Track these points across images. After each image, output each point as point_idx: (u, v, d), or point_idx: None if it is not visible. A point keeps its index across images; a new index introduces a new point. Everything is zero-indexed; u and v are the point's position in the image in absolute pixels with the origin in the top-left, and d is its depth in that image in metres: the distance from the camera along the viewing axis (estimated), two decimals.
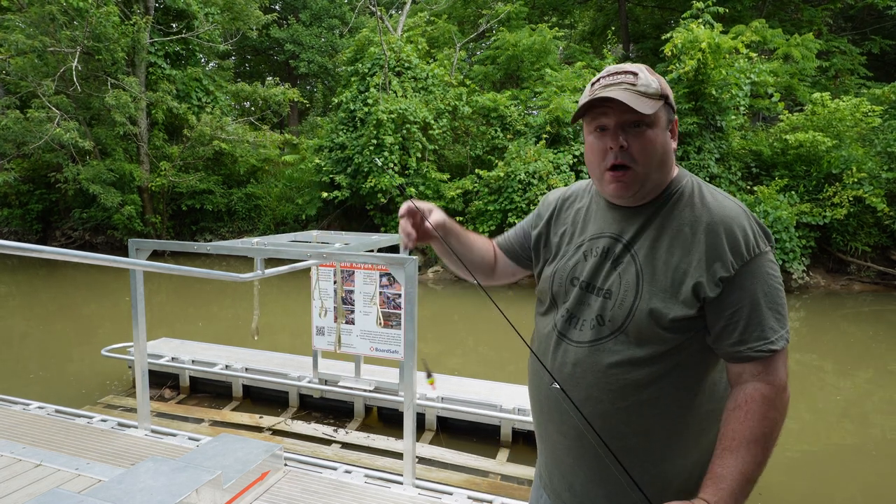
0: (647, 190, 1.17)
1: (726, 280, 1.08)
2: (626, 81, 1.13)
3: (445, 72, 14.22)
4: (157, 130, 15.42)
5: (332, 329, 4.43)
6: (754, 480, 1.06)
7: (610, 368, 1.16)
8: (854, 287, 11.26)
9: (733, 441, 1.06)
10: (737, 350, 1.10)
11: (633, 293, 1.14)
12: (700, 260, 1.10)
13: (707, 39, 10.42)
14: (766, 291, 1.09)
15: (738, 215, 1.12)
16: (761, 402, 1.07)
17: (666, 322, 1.11)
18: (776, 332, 1.09)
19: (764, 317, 1.09)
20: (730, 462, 1.05)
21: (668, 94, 1.16)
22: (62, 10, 12.94)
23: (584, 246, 1.25)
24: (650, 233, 1.16)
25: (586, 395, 1.18)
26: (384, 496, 2.74)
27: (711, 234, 1.10)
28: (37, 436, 3.27)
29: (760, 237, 1.11)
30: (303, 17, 22.19)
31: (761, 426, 1.06)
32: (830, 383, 6.22)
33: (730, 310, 1.09)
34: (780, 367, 1.10)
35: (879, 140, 11.55)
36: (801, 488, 3.89)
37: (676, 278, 1.11)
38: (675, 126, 1.20)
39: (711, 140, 11.62)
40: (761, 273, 1.09)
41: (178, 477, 2.41)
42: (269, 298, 9.83)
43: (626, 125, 1.13)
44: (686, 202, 1.16)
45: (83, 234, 16.39)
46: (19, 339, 7.54)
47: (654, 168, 1.14)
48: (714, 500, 1.02)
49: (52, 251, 2.11)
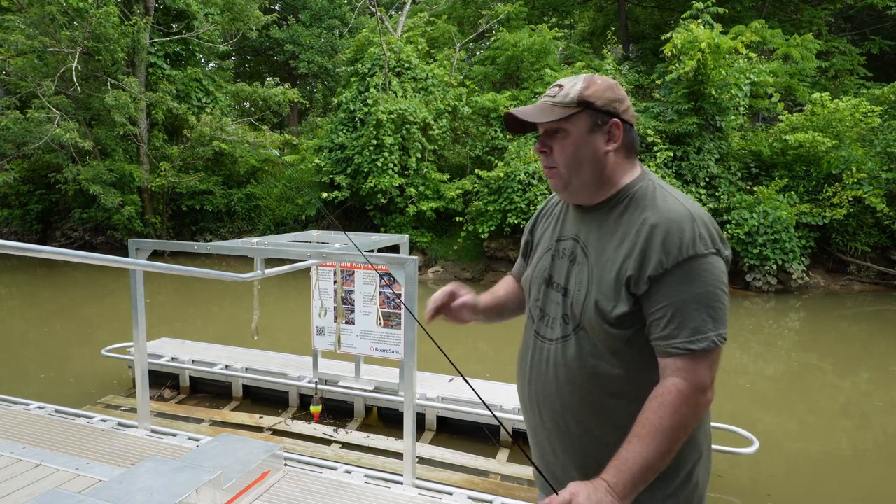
0: (580, 189, 1.27)
1: (654, 279, 1.13)
2: (549, 95, 1.26)
3: (445, 72, 14.22)
4: (157, 131, 15.41)
5: (332, 329, 4.43)
6: (656, 469, 1.10)
7: (574, 363, 1.24)
8: (854, 287, 11.26)
9: (643, 429, 1.10)
10: (659, 345, 1.15)
11: (584, 290, 1.22)
12: (637, 258, 1.15)
13: (707, 40, 10.42)
14: (697, 292, 1.12)
15: (680, 217, 1.15)
16: (675, 396, 1.10)
17: (611, 318, 1.17)
18: (701, 332, 1.11)
19: (689, 317, 1.11)
20: (635, 448, 1.09)
21: (593, 100, 1.22)
22: (62, 11, 12.94)
23: (553, 247, 1.36)
24: (601, 233, 1.24)
25: (557, 388, 1.26)
26: (384, 496, 2.74)
27: (650, 234, 1.15)
28: (37, 436, 3.27)
29: (702, 240, 1.13)
30: (303, 17, 22.18)
31: (671, 419, 1.09)
32: (830, 383, 6.22)
33: (656, 306, 1.14)
34: (701, 367, 1.12)
35: (879, 140, 11.55)
36: (801, 488, 3.89)
37: (618, 277, 1.18)
38: (614, 128, 1.24)
39: (711, 140, 11.62)
40: (693, 274, 1.12)
41: (178, 477, 2.41)
42: (269, 298, 9.83)
43: (548, 132, 1.26)
44: (637, 204, 1.22)
45: (83, 234, 16.38)
46: (19, 339, 7.54)
47: (575, 168, 1.24)
48: (613, 482, 1.07)
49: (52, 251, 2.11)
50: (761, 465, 4.12)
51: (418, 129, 12.53)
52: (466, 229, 12.08)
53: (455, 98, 13.60)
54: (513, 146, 11.99)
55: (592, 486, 1.07)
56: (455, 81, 14.48)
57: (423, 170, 12.71)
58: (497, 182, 11.54)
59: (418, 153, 12.58)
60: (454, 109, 13.53)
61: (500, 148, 13.07)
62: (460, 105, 13.44)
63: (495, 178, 11.51)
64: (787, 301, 10.24)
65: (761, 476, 3.99)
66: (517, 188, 11.18)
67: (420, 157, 12.72)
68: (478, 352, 6.84)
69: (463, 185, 12.42)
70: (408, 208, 12.48)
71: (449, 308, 1.50)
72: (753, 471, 4.05)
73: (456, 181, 12.76)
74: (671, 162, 11.45)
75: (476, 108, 13.45)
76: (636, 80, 13.71)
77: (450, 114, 13.51)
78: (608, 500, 1.06)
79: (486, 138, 13.41)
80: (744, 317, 9.41)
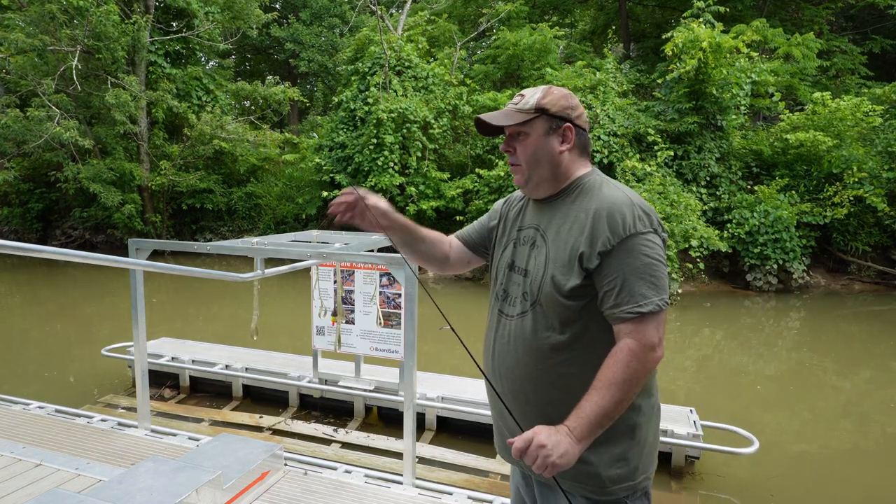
0: (539, 184, 1.46)
1: (604, 254, 1.31)
2: (513, 103, 1.45)
3: (446, 71, 14.21)
4: (158, 129, 15.41)
5: (332, 329, 4.43)
6: (611, 417, 1.25)
7: (532, 335, 1.40)
8: (854, 287, 11.26)
9: (599, 382, 1.26)
10: (611, 312, 1.31)
11: (542, 269, 1.40)
12: (587, 238, 1.34)
13: (708, 39, 10.40)
14: (639, 263, 1.29)
15: (621, 203, 1.34)
16: (627, 353, 1.27)
17: (565, 291, 1.34)
18: (646, 297, 1.28)
19: (635, 285, 1.28)
20: (593, 398, 1.25)
21: (550, 106, 1.41)
22: (62, 9, 12.92)
23: (516, 236, 1.54)
24: (557, 220, 1.43)
25: (517, 360, 1.42)
26: (384, 496, 2.74)
27: (597, 217, 1.34)
28: (37, 436, 3.27)
29: (640, 220, 1.32)
30: (303, 15, 22.16)
31: (623, 373, 1.25)
32: (830, 383, 6.21)
33: (607, 279, 1.31)
34: (649, 328, 1.28)
35: (880, 140, 11.54)
36: (802, 488, 3.89)
37: (571, 254, 1.35)
38: (566, 132, 1.44)
39: (712, 139, 11.61)
40: (636, 249, 1.30)
41: (178, 477, 2.40)
42: (269, 298, 9.83)
43: (512, 135, 1.46)
44: (587, 193, 1.41)
45: (83, 232, 16.38)
46: (19, 338, 7.54)
47: (534, 165, 1.44)
48: (572, 426, 1.22)
49: (52, 251, 2.11)
50: (761, 465, 4.12)
51: (419, 128, 12.52)
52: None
53: (455, 97, 13.58)
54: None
55: (554, 428, 1.22)
56: (455, 80, 14.47)
57: (423, 169, 12.70)
58: (497, 181, 11.53)
59: (419, 152, 12.57)
60: (455, 108, 13.51)
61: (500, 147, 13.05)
62: (461, 104, 13.43)
63: (496, 177, 11.50)
64: (788, 301, 10.24)
65: (761, 476, 3.99)
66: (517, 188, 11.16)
67: (420, 156, 12.71)
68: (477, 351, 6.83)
69: (463, 184, 12.41)
70: (408, 207, 12.47)
71: (360, 207, 1.46)
72: (753, 471, 4.05)
73: (456, 180, 12.75)
74: (672, 161, 11.44)
75: (477, 106, 13.43)
76: (637, 79, 13.70)
77: (450, 113, 13.50)
78: (567, 441, 1.20)
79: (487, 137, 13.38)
80: (744, 316, 9.41)
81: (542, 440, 1.18)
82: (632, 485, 1.38)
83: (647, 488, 1.42)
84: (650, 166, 10.80)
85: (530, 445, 1.19)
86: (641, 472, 1.40)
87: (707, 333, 8.19)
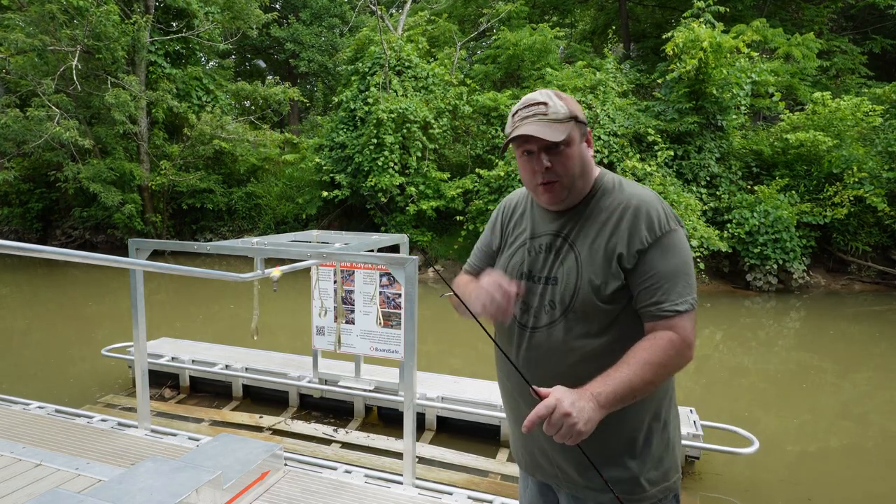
0: (575, 195, 1.40)
1: (641, 252, 1.30)
2: (538, 112, 1.35)
3: (446, 71, 14.20)
4: (158, 129, 15.41)
5: (332, 329, 4.43)
6: (634, 395, 1.21)
7: (567, 344, 1.35)
8: (854, 287, 11.25)
9: (632, 358, 1.24)
10: (649, 311, 1.30)
11: (574, 275, 1.35)
12: (622, 237, 1.32)
13: (708, 39, 10.40)
14: (676, 262, 1.30)
15: (651, 199, 1.34)
16: (666, 341, 1.25)
17: (605, 295, 1.31)
18: (682, 296, 1.28)
19: (672, 283, 1.28)
20: (623, 370, 1.21)
21: (577, 112, 1.37)
22: (62, 9, 12.92)
23: (528, 244, 1.47)
24: (583, 224, 1.39)
25: (552, 372, 1.36)
26: (384, 496, 2.74)
27: (632, 216, 1.32)
28: (37, 436, 3.27)
29: (671, 218, 1.33)
30: (303, 15, 22.16)
31: (658, 356, 1.23)
32: (831, 383, 6.21)
33: (644, 276, 1.30)
34: (687, 326, 1.28)
35: (880, 140, 11.54)
36: (802, 488, 3.89)
37: (607, 255, 1.32)
38: (589, 136, 1.42)
39: (712, 139, 11.61)
40: (671, 247, 1.30)
41: (178, 477, 2.41)
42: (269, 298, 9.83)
43: (546, 148, 1.35)
44: (608, 194, 1.39)
45: (83, 232, 16.38)
46: (19, 338, 7.54)
47: (577, 177, 1.37)
48: (597, 392, 1.18)
49: (52, 251, 2.11)
50: (761, 465, 4.11)
51: (419, 128, 12.52)
52: (467, 228, 12.07)
53: (455, 97, 13.58)
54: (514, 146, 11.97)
55: (577, 393, 1.16)
56: (455, 80, 14.47)
57: (423, 169, 12.70)
58: (497, 181, 11.53)
59: (419, 152, 12.57)
60: (455, 108, 13.51)
61: (500, 147, 13.05)
62: (461, 104, 13.43)
63: (496, 177, 11.50)
64: (788, 301, 10.23)
65: (761, 476, 3.99)
66: (517, 187, 11.15)
67: (420, 156, 12.71)
68: (477, 352, 6.83)
69: (463, 184, 12.41)
70: (408, 207, 12.47)
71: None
72: (753, 471, 4.05)
73: (456, 180, 12.75)
74: (672, 161, 11.44)
75: (477, 107, 13.43)
76: (637, 79, 13.70)
77: (450, 113, 13.50)
78: (590, 407, 1.15)
79: (487, 137, 13.40)
80: (744, 316, 9.40)
81: (566, 408, 1.11)
82: (666, 486, 1.38)
83: (678, 490, 1.42)
84: (650, 166, 10.80)
85: (553, 413, 1.12)
86: (674, 472, 1.40)
87: (707, 333, 8.19)
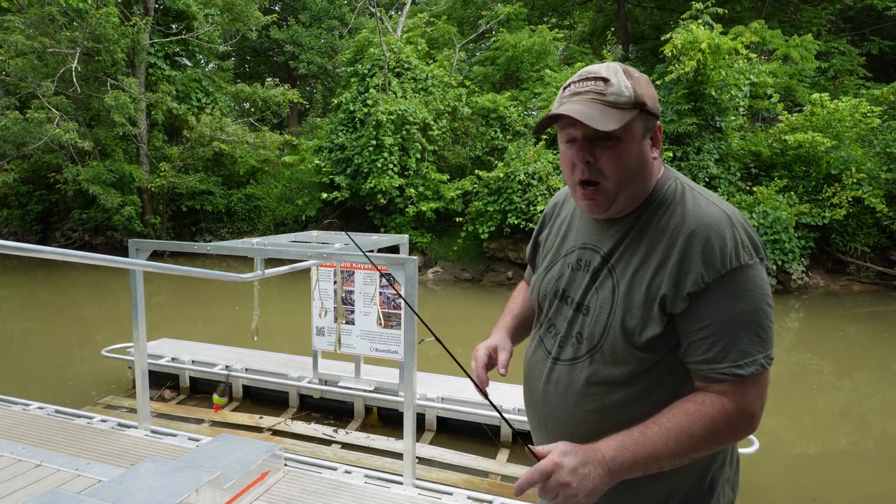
0: (622, 203, 1.10)
1: (695, 295, 1.00)
2: (594, 90, 1.04)
3: (445, 73, 14.23)
4: (157, 131, 15.42)
5: (332, 329, 4.43)
6: (660, 467, 0.98)
7: (587, 388, 1.12)
8: (853, 287, 11.26)
9: (667, 421, 0.98)
10: (700, 369, 1.03)
11: (607, 310, 1.09)
12: (671, 273, 1.02)
13: (706, 40, 10.42)
14: (743, 309, 0.99)
15: (719, 223, 1.02)
16: (718, 411, 0.99)
17: (639, 342, 1.05)
18: (748, 355, 0.99)
19: (736, 338, 0.99)
20: (652, 434, 0.97)
21: (646, 100, 1.06)
22: (62, 11, 12.94)
23: (568, 257, 1.21)
24: (628, 245, 1.10)
25: (569, 414, 1.15)
26: (384, 496, 2.74)
27: (685, 245, 1.02)
28: (37, 436, 3.27)
29: (745, 248, 1.01)
30: (302, 18, 22.18)
31: (703, 429, 0.98)
32: (830, 383, 6.22)
33: (696, 326, 1.01)
34: (750, 393, 1.00)
35: (878, 140, 11.56)
36: (802, 488, 3.89)
37: (650, 295, 1.04)
38: (657, 132, 1.11)
39: (711, 141, 11.62)
40: (739, 288, 0.99)
41: (178, 477, 2.40)
42: (269, 298, 9.83)
43: (594, 138, 1.05)
44: (667, 209, 1.08)
45: (83, 234, 16.38)
46: (19, 339, 7.54)
47: (627, 182, 1.07)
48: (611, 456, 0.95)
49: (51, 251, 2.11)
50: (761, 465, 4.12)
51: (418, 130, 12.54)
52: (466, 230, 12.08)
53: (455, 98, 13.60)
54: (512, 147, 11.99)
55: (585, 454, 0.94)
56: (455, 82, 14.49)
57: (422, 170, 12.71)
58: (497, 183, 11.54)
59: (418, 154, 12.58)
60: (454, 110, 13.53)
61: (499, 148, 13.07)
62: (460, 105, 13.44)
63: (495, 178, 11.52)
64: (787, 301, 10.24)
65: (761, 476, 3.99)
66: (517, 189, 11.18)
67: (420, 157, 12.73)
68: None
69: (463, 185, 12.43)
70: (407, 209, 12.48)
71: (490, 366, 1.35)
72: (753, 471, 4.05)
73: (456, 182, 12.76)
74: (670, 162, 11.45)
75: (476, 108, 13.45)
76: None
77: (449, 114, 13.52)
78: (596, 474, 0.93)
79: (486, 139, 13.41)
80: None
81: (565, 477, 0.91)
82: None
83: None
84: None
85: (549, 479, 0.92)
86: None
87: None
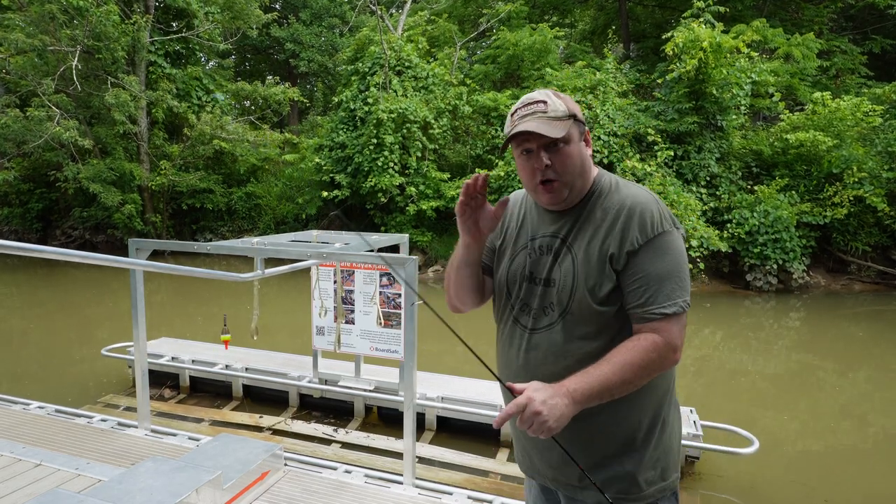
0: (574, 194, 1.39)
1: (631, 253, 1.30)
2: (538, 111, 1.35)
3: (446, 71, 14.21)
4: (158, 129, 15.41)
5: (332, 329, 4.43)
6: (613, 392, 1.23)
7: (565, 346, 1.36)
8: (854, 287, 11.25)
9: (613, 357, 1.24)
10: (635, 312, 1.30)
11: (571, 277, 1.35)
12: (616, 238, 1.31)
13: (708, 39, 10.41)
14: (667, 264, 1.29)
15: (647, 201, 1.33)
16: (650, 343, 1.25)
17: (600, 297, 1.32)
18: (671, 299, 1.27)
19: (661, 286, 1.27)
20: (602, 368, 1.23)
21: (576, 111, 1.38)
22: (62, 9, 12.93)
23: (528, 246, 1.47)
24: (581, 226, 1.38)
25: (550, 373, 1.34)
26: (384, 496, 2.74)
27: (626, 217, 1.32)
28: (37, 436, 3.27)
29: (666, 220, 1.32)
30: (303, 16, 22.16)
31: (641, 359, 1.23)
32: (830, 383, 6.21)
33: (633, 278, 1.29)
34: (674, 329, 1.27)
35: (880, 140, 11.54)
36: (802, 488, 3.89)
37: (601, 257, 1.32)
38: (587, 135, 1.42)
39: (712, 139, 11.61)
40: (663, 248, 1.29)
41: (178, 477, 2.40)
42: (269, 298, 9.83)
43: (546, 146, 1.35)
44: (607, 196, 1.38)
45: (83, 232, 16.39)
46: (19, 338, 7.54)
47: (576, 176, 1.37)
48: (573, 388, 1.19)
49: (52, 251, 2.11)
50: (761, 465, 4.12)
51: (418, 128, 12.52)
52: None
53: (455, 97, 13.58)
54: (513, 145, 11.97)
55: (552, 389, 1.18)
56: (455, 80, 14.47)
57: (423, 169, 12.70)
58: (497, 181, 11.54)
59: (418, 152, 12.57)
60: (454, 108, 13.51)
61: (500, 147, 13.05)
62: (461, 104, 13.43)
63: (496, 177, 11.51)
64: (788, 301, 10.23)
65: (761, 476, 3.99)
66: (518, 187, 11.17)
67: (420, 156, 12.71)
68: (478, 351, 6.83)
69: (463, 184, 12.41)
70: (408, 207, 12.47)
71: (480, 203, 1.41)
72: (753, 471, 4.05)
73: (456, 180, 12.76)
74: (672, 161, 11.44)
75: (476, 107, 13.44)
76: (637, 79, 13.69)
77: (450, 113, 13.50)
78: (563, 403, 1.16)
79: (487, 137, 13.40)
80: (744, 316, 9.40)
81: (537, 406, 1.14)
82: (664, 485, 1.38)
83: (676, 489, 1.42)
84: (650, 166, 10.81)
85: (524, 411, 1.15)
86: (672, 471, 1.40)
87: (707, 333, 8.19)
